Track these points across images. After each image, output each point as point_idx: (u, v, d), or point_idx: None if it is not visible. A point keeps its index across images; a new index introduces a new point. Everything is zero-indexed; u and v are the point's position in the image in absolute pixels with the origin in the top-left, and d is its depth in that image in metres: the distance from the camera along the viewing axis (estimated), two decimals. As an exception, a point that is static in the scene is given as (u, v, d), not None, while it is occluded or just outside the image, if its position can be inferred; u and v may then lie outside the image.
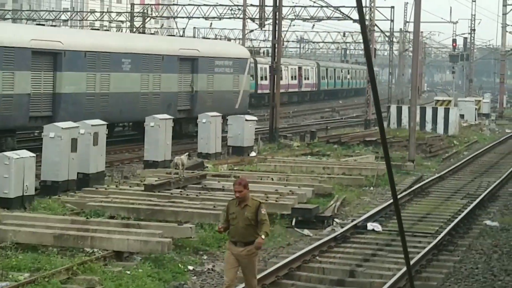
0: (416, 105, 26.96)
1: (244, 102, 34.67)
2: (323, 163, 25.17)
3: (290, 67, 70.92)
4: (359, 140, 31.17)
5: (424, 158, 29.73)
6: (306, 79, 74.15)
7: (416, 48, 26.71)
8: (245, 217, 10.45)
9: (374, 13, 41.46)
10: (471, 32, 68.29)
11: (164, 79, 30.14)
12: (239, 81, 34.41)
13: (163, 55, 30.26)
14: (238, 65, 34.22)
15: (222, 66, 32.95)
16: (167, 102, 30.30)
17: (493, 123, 46.18)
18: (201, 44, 36.45)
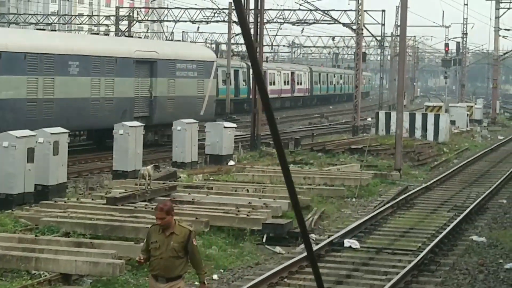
0: (403, 111, 25.76)
1: (210, 108, 32.77)
2: (304, 173, 23.93)
3: (283, 72, 70.30)
4: (344, 148, 29.94)
5: (412, 167, 28.53)
6: (299, 84, 73.53)
7: (403, 52, 25.52)
8: (170, 248, 8.67)
9: (362, 16, 40.23)
10: (463, 36, 67.14)
11: (118, 83, 28.02)
12: (204, 86, 32.22)
13: (117, 57, 28.09)
14: (203, 68, 32.21)
15: (185, 69, 30.88)
16: (121, 109, 28.22)
17: (485, 130, 45.01)
18: (160, 45, 33.95)
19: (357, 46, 40.20)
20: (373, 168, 26.77)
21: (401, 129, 25.63)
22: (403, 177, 25.79)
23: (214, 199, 18.42)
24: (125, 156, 21.58)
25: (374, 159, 29.13)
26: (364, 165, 27.31)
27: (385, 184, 24.19)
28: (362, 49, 40.33)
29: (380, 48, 70.31)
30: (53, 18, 67.70)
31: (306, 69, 78.82)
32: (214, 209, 17.15)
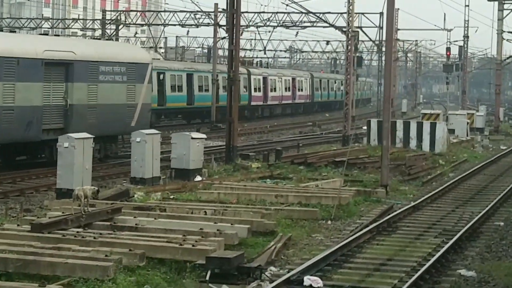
0: (389, 120, 23.21)
1: (144, 119, 28.60)
2: (278, 190, 21.36)
3: (284, 78, 68.73)
4: (327, 160, 27.34)
5: (402, 182, 25.93)
6: (300, 91, 72.02)
7: (389, 56, 22.97)
8: None
9: (352, 17, 37.68)
10: (464, 40, 64.30)
11: (21, 89, 23.78)
12: (136, 92, 28.11)
13: (19, 58, 23.79)
14: (135, 72, 28.22)
15: (111, 73, 26.72)
16: (25, 119, 23.99)
17: (487, 139, 42.38)
18: (79, 45, 28.76)
19: (348, 50, 37.63)
20: (358, 184, 24.20)
21: (388, 140, 23.05)
22: (390, 194, 23.20)
23: (162, 224, 15.88)
24: (71, 173, 19.04)
25: (360, 173, 26.56)
26: (347, 180, 24.81)
27: (368, 202, 21.60)
28: (353, 53, 37.74)
29: (378, 52, 67.66)
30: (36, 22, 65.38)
31: (307, 75, 77.19)
32: (158, 237, 14.61)
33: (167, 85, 48.73)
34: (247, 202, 19.98)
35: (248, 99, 60.37)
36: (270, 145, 37.35)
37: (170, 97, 48.95)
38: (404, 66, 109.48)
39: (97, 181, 22.66)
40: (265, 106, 64.67)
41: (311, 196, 20.47)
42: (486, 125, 54.64)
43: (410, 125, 35.89)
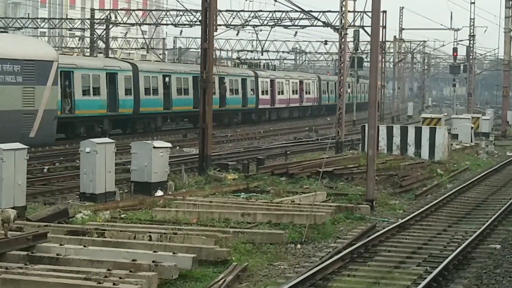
0: (376, 126, 20.64)
1: (47, 128, 24.85)
2: (247, 206, 18.83)
3: (291, 81, 67.31)
4: (311, 171, 24.76)
5: (393, 195, 23.35)
6: (307, 94, 70.61)
7: (375, 50, 20.39)
8: None
9: (346, 15, 35.11)
10: (470, 39, 61.45)
11: None
12: (35, 96, 24.20)
13: None
14: (35, 71, 24.35)
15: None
16: None
17: (492, 145, 39.69)
18: None
19: (341, 49, 35.06)
20: (342, 198, 21.66)
21: (374, 149, 20.46)
22: (377, 210, 20.65)
23: (90, 253, 13.40)
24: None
25: (346, 185, 23.98)
26: (331, 193, 22.31)
27: (350, 220, 19.02)
28: (348, 53, 35.17)
29: (381, 53, 65.05)
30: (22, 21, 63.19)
31: (314, 78, 75.67)
32: (77, 272, 12.13)
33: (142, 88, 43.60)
34: (208, 221, 17.52)
35: (256, 102, 59.12)
36: (257, 152, 34.83)
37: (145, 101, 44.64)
38: (410, 68, 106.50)
39: (45, 196, 20.24)
40: (272, 109, 63.46)
41: (283, 214, 17.93)
42: (494, 130, 51.93)
43: (408, 131, 33.28)
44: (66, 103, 38.36)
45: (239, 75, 58.17)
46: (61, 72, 36.43)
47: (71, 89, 38.56)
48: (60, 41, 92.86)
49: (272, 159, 33.35)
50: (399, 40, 71.68)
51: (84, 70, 39.54)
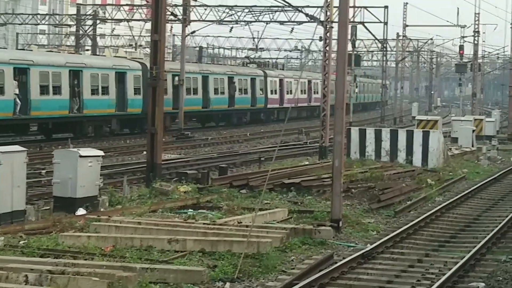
0: (343, 132, 17.13)
1: None
2: (181, 230, 15.43)
3: (300, 81, 66.36)
4: (273, 183, 21.29)
5: (368, 212, 19.89)
6: (315, 93, 68.79)
7: (343, 40, 16.93)
8: None
9: (331, 6, 31.64)
10: (475, 35, 57.76)
11: None
12: None
13: None
14: None
15: None
16: None
17: (495, 150, 36.14)
18: None
19: (326, 45, 31.59)
20: (306, 216, 18.26)
21: (340, 159, 16.98)
22: (345, 231, 17.20)
23: None
24: None
25: (314, 200, 20.54)
26: (293, 210, 18.93)
27: (307, 246, 15.61)
28: (331, 47, 31.68)
29: (382, 50, 61.52)
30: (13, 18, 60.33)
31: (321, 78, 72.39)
32: None
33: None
34: (126, 250, 14.17)
35: (265, 102, 58.92)
36: (230, 158, 31.56)
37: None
38: (418, 67, 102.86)
39: None
40: (281, 109, 62.51)
41: (219, 240, 14.53)
42: (500, 133, 48.42)
43: (399, 135, 29.88)
44: (75, 103, 38.43)
45: (248, 74, 57.34)
46: (70, 71, 37.90)
47: (79, 89, 38.48)
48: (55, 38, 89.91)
49: (246, 166, 30.08)
50: (402, 38, 68.11)
51: (93, 69, 39.38)
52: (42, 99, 36.37)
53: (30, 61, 36.19)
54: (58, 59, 38.82)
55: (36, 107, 35.98)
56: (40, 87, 36.24)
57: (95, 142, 37.32)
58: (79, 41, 62.38)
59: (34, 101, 35.92)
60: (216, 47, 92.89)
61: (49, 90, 36.73)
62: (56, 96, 37.08)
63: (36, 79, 36.06)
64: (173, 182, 22.76)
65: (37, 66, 36.19)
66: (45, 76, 36.60)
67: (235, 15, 56.71)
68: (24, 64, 35.76)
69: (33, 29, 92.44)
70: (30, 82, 35.79)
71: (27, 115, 36.01)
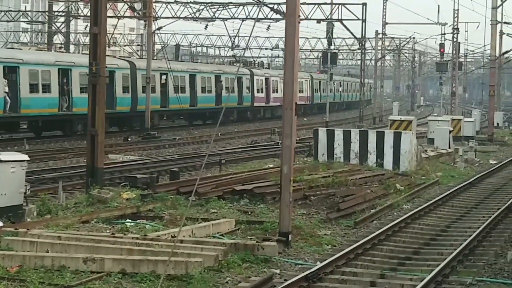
0: (293, 137, 15.26)
1: None
2: (101, 245, 13.54)
3: None
4: (223, 190, 19.39)
5: (326, 222, 18.04)
6: (300, 92, 70.44)
7: (292, 36, 15.12)
8: None
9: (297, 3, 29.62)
10: (454, 32, 55.93)
11: None
12: None
13: None
14: None
15: None
16: None
17: (472, 151, 34.38)
18: None
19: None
20: (255, 228, 16.42)
21: (290, 165, 15.12)
22: (296, 246, 15.35)
23: None
24: None
25: (267, 208, 18.67)
26: (242, 221, 17.12)
27: (248, 264, 13.73)
28: (297, 43, 29.83)
29: (360, 49, 59.74)
30: None
31: (307, 77, 75.47)
32: None
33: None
34: (35, 271, 12.30)
35: (251, 101, 59.56)
36: (193, 160, 29.70)
37: None
38: (400, 66, 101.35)
39: None
40: (267, 108, 63.48)
41: (141, 260, 12.66)
42: (480, 133, 46.77)
43: (369, 136, 28.05)
44: (64, 101, 38.58)
45: (235, 73, 57.45)
46: (59, 70, 38.22)
47: (69, 87, 38.71)
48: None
49: (206, 169, 28.20)
50: (382, 36, 66.36)
51: (82, 68, 37.91)
52: (32, 97, 36.97)
53: (19, 59, 36.49)
54: (47, 57, 39.21)
55: (26, 105, 36.28)
56: (30, 86, 36.54)
57: (54, 142, 36.05)
58: (51, 38, 60.51)
59: (24, 99, 36.22)
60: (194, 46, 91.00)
61: (38, 88, 37.02)
62: (45, 94, 37.34)
63: (25, 77, 36.33)
64: (121, 188, 20.96)
65: (26, 65, 36.47)
66: (34, 75, 36.91)
67: (210, 11, 55.11)
68: (14, 62, 36.12)
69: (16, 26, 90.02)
70: (20, 81, 36.13)
71: (17, 113, 36.40)
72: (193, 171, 27.83)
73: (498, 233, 17.07)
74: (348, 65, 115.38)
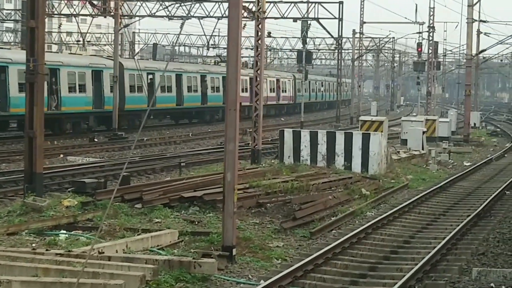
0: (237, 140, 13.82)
1: None
2: (16, 263, 12.05)
3: (269, 79, 67.38)
4: (169, 197, 17.91)
5: (281, 232, 16.62)
6: (283, 92, 71.16)
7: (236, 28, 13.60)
8: None
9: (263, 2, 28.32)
10: (429, 30, 54.56)
11: None
12: None
13: None
14: None
15: None
16: None
17: (446, 153, 33.09)
18: None
19: (258, 38, 28.30)
20: (200, 239, 14.99)
21: (233, 172, 13.67)
22: (242, 261, 13.92)
23: None
24: None
25: (216, 217, 17.19)
26: (186, 232, 15.69)
27: (183, 284, 12.25)
28: (263, 41, 28.42)
29: (336, 48, 58.36)
30: None
31: (290, 77, 75.56)
32: None
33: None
34: None
35: (223, 101, 59.00)
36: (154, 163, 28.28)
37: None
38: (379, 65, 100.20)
39: None
40: (251, 107, 60.52)
41: (55, 282, 11.18)
42: (456, 134, 45.57)
43: (336, 137, 26.70)
44: (53, 100, 39.03)
45: (220, 73, 57.45)
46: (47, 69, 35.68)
47: (57, 86, 39.19)
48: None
49: (167, 172, 26.82)
50: (360, 35, 65.05)
51: (70, 68, 40.20)
52: (21, 96, 36.47)
53: (8, 59, 36.39)
54: None
55: (15, 104, 35.87)
56: (19, 85, 36.06)
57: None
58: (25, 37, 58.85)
59: (13, 98, 36.18)
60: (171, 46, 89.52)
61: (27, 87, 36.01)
62: None
63: (14, 77, 36.30)
64: (66, 194, 19.51)
65: (15, 64, 36.09)
66: (23, 74, 35.55)
67: (185, 8, 53.70)
68: (3, 62, 36.22)
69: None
70: (9, 80, 36.17)
71: (7, 112, 36.47)
72: (152, 174, 26.39)
73: (465, 244, 15.72)
74: (330, 65, 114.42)
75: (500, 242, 16.05)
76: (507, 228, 17.56)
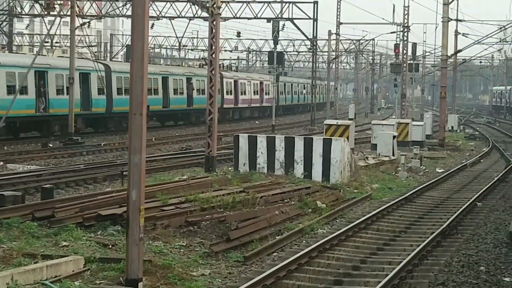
0: (143, 150, 11.50)
1: None
2: None
3: (252, 82, 68.72)
4: (83, 216, 15.52)
5: (211, 256, 14.27)
6: (267, 94, 72.28)
7: (141, 21, 11.32)
8: None
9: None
10: (404, 30, 52.36)
11: None
12: None
13: None
14: None
15: None
16: None
17: (417, 159, 30.88)
18: None
19: (212, 36, 25.96)
20: (111, 268, 12.64)
21: (139, 190, 11.36)
22: (153, 294, 11.61)
23: None
24: None
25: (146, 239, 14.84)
26: (94, 259, 13.33)
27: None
28: (218, 39, 26.07)
29: (311, 49, 56.11)
30: None
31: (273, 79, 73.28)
32: None
33: None
34: None
35: (221, 102, 60.29)
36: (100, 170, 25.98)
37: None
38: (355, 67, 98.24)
39: None
40: (235, 109, 65.49)
41: None
42: (431, 137, 43.42)
43: (295, 143, 24.43)
44: (41, 102, 39.45)
45: (205, 75, 53.65)
46: (35, 72, 38.75)
47: (45, 88, 39.54)
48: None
49: (110, 181, 24.49)
50: (336, 36, 62.86)
51: (58, 70, 40.38)
52: (9, 98, 35.76)
53: None
54: (24, 60, 38.86)
55: (3, 107, 34.96)
56: (7, 87, 36.93)
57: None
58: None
59: (1, 101, 36.20)
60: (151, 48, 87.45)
61: (16, 90, 36.36)
62: (22, 96, 37.42)
63: (3, 79, 36.77)
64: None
65: (3, 67, 36.77)
66: (11, 77, 37.32)
67: (156, 8, 51.68)
68: None
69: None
70: None
71: None
72: (92, 184, 24.03)
73: (423, 271, 13.42)
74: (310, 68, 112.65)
75: (465, 267, 13.80)
76: (474, 249, 15.32)
